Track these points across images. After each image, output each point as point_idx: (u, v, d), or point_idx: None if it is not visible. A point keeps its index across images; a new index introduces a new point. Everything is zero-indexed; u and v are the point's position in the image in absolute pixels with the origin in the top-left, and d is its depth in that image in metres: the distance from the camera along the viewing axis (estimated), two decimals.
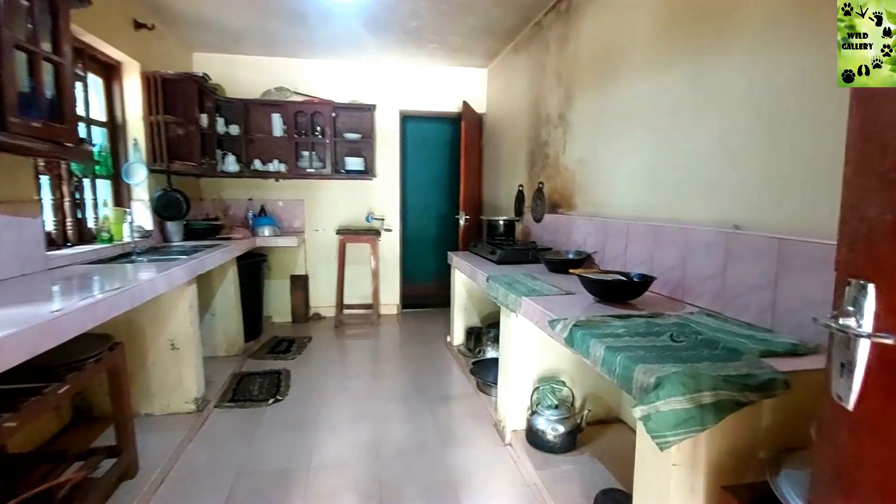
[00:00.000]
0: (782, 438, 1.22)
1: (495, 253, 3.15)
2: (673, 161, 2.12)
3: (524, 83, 3.85)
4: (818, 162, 1.46)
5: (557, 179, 3.25)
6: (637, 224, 2.34)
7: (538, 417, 2.22)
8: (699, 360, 1.30)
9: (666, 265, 2.13)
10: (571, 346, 1.60)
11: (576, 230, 2.96)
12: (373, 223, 4.73)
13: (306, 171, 4.42)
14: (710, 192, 1.90)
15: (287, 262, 4.65)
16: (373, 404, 2.84)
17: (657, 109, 2.22)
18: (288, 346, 3.90)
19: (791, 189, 1.56)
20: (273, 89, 4.43)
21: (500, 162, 4.47)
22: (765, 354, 1.35)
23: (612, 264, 2.53)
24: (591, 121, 2.81)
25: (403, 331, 4.47)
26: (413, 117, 5.16)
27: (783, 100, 1.58)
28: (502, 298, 2.32)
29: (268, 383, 3.13)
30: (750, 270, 1.69)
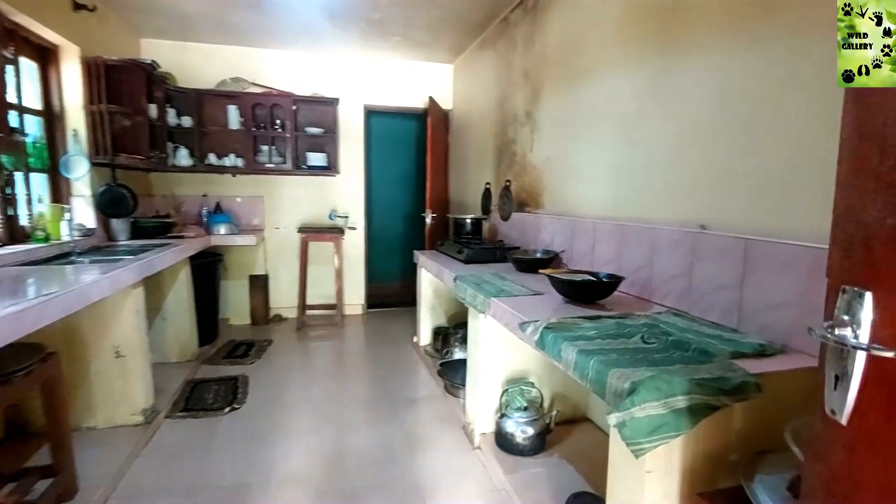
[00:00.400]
0: (754, 441, 1.21)
1: (463, 252, 3.10)
2: (639, 160, 2.12)
3: (491, 80, 3.81)
4: (784, 162, 1.47)
5: (525, 178, 3.22)
6: (604, 223, 2.33)
7: (507, 420, 2.18)
8: (671, 363, 1.28)
9: (633, 265, 2.12)
10: (543, 349, 1.55)
11: (543, 229, 2.94)
12: (336, 221, 4.59)
13: (265, 166, 4.23)
14: (677, 192, 1.91)
15: (245, 262, 4.44)
16: (337, 410, 2.73)
17: (623, 108, 2.22)
18: (246, 349, 3.72)
19: (757, 189, 1.57)
20: (229, 79, 4.21)
21: (468, 159, 4.42)
22: (734, 356, 1.34)
23: (580, 263, 2.53)
24: (558, 119, 2.79)
25: (368, 332, 4.36)
26: (378, 112, 5.04)
27: (748, 99, 1.59)
28: (470, 299, 2.26)
29: (224, 390, 2.96)
30: (716, 270, 1.70)
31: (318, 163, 4.36)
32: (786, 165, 1.47)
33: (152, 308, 3.19)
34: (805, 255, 1.39)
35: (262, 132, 4.21)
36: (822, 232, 1.39)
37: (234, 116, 4.15)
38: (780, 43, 1.48)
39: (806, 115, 1.40)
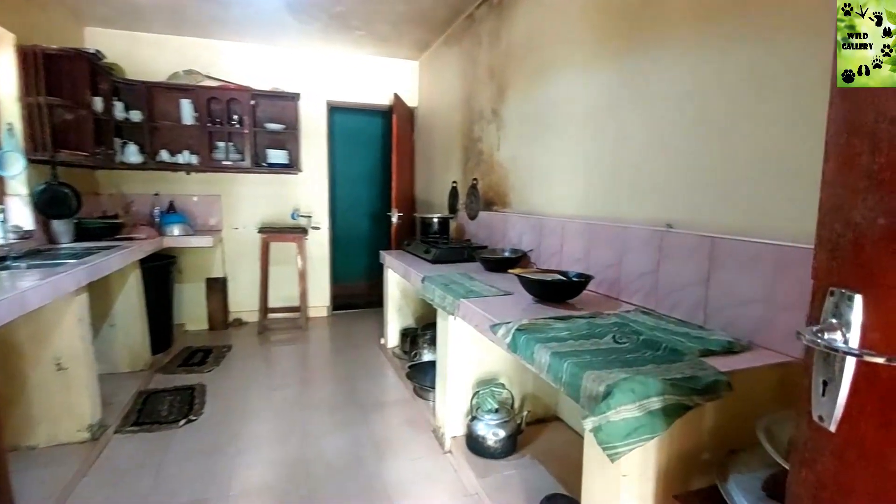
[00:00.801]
0: (725, 439, 1.22)
1: (430, 252, 3.04)
2: (607, 159, 2.12)
3: (456, 77, 3.76)
4: (749, 161, 1.49)
5: (492, 176, 3.20)
6: (573, 222, 2.33)
7: (478, 423, 2.14)
8: (644, 363, 1.27)
9: (602, 263, 2.13)
10: (515, 351, 1.52)
11: (511, 228, 2.93)
12: (299, 220, 4.44)
13: (222, 163, 4.03)
14: (645, 191, 1.92)
15: (202, 264, 4.23)
16: (301, 417, 2.62)
17: (591, 106, 2.22)
18: (203, 356, 3.54)
19: (722, 188, 1.59)
20: (182, 72, 4.00)
21: (434, 158, 4.37)
22: (703, 353, 1.35)
23: (549, 262, 2.52)
24: (525, 117, 2.78)
25: (334, 334, 4.24)
26: (342, 109, 4.91)
27: (716, 98, 1.60)
28: (439, 301, 2.21)
29: (179, 401, 2.80)
30: (683, 268, 1.71)
31: (278, 160, 4.20)
32: (751, 165, 1.49)
33: (99, 315, 2.98)
34: (769, 253, 1.41)
35: (219, 128, 4.02)
36: (786, 230, 1.42)
37: (188, 111, 3.94)
38: (748, 42, 1.49)
39: (771, 115, 1.43)
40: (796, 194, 1.35)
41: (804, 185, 1.33)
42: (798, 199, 1.35)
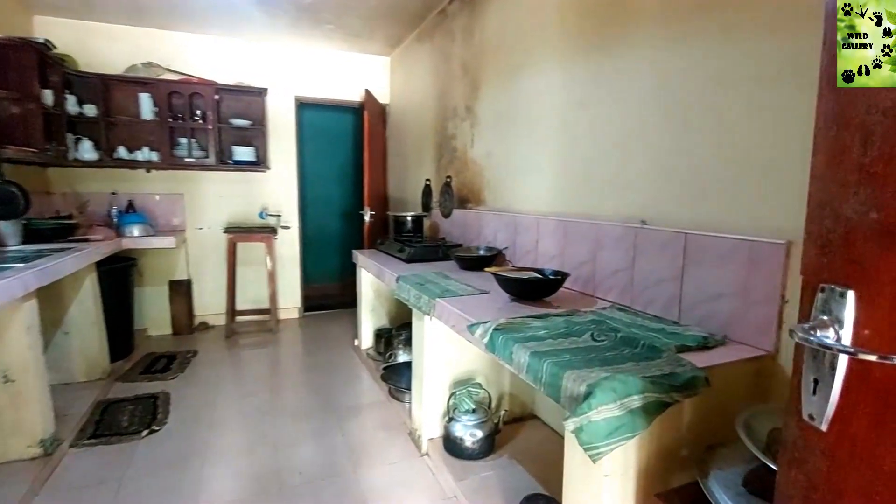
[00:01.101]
0: (704, 435, 1.22)
1: (404, 251, 2.99)
2: (581, 155, 2.12)
3: (429, 73, 3.72)
4: (719, 158, 1.51)
5: (466, 173, 3.17)
6: (547, 219, 2.32)
7: (455, 424, 2.11)
8: (623, 361, 1.26)
9: (577, 260, 2.13)
10: (493, 351, 1.49)
11: (486, 226, 2.91)
12: (268, 220, 4.30)
13: (184, 160, 3.86)
14: (619, 187, 1.92)
15: (165, 266, 4.05)
16: (272, 425, 2.53)
17: (564, 103, 2.21)
18: (167, 363, 3.39)
19: (695, 184, 1.60)
20: (140, 64, 3.80)
21: (407, 155, 4.31)
22: (680, 349, 1.35)
23: (524, 260, 2.51)
24: (499, 114, 2.76)
25: (306, 336, 4.13)
26: (311, 105, 4.79)
27: (688, 95, 1.61)
28: (414, 301, 2.16)
29: (141, 410, 2.66)
30: (657, 264, 1.72)
31: (245, 157, 4.05)
32: (720, 161, 1.50)
33: (52, 322, 2.81)
34: (741, 248, 1.43)
35: (181, 123, 3.85)
36: (757, 226, 1.44)
37: (147, 105, 3.75)
38: (714, 40, 1.51)
39: (739, 112, 1.44)
40: (766, 190, 1.37)
41: (774, 180, 1.35)
42: (768, 195, 1.36)
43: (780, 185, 1.34)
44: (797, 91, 1.28)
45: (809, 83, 1.25)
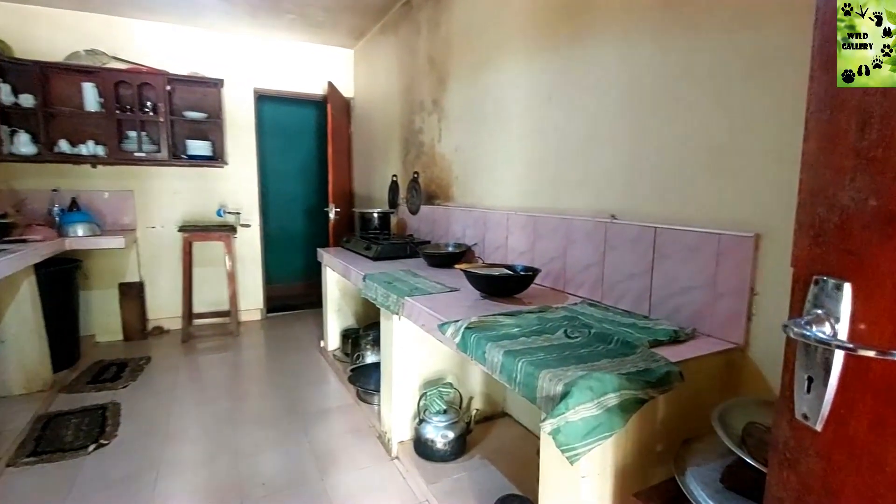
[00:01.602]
0: (678, 430, 1.21)
1: (371, 248, 2.90)
2: (551, 149, 2.09)
3: (394, 67, 3.63)
4: (686, 152, 1.50)
5: (434, 169, 3.11)
6: (517, 215, 2.29)
7: (426, 426, 2.05)
8: (598, 358, 1.23)
9: (547, 256, 2.10)
10: (465, 351, 1.44)
11: (454, 222, 2.86)
12: (226, 218, 4.11)
13: (134, 155, 3.63)
14: (588, 181, 1.90)
15: (114, 268, 3.80)
16: (233, 434, 2.40)
17: (533, 97, 2.18)
18: (118, 371, 3.18)
19: (663, 178, 1.60)
20: (83, 51, 3.54)
21: (372, 150, 4.21)
22: (653, 344, 1.34)
23: (494, 256, 2.47)
24: (467, 108, 2.71)
25: (269, 339, 3.98)
26: (272, 99, 4.61)
27: (656, 89, 1.60)
28: (382, 300, 2.09)
29: (88, 424, 2.47)
30: (627, 259, 1.72)
31: (200, 152, 3.85)
32: (690, 154, 1.50)
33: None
34: (709, 241, 1.43)
35: (129, 115, 3.61)
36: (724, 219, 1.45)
37: (92, 96, 3.50)
38: (682, 34, 1.50)
39: (707, 105, 1.44)
40: (734, 183, 1.37)
41: (742, 173, 1.35)
42: (736, 188, 1.37)
43: (749, 178, 1.35)
44: (763, 84, 1.29)
45: (778, 76, 1.26)
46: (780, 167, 1.26)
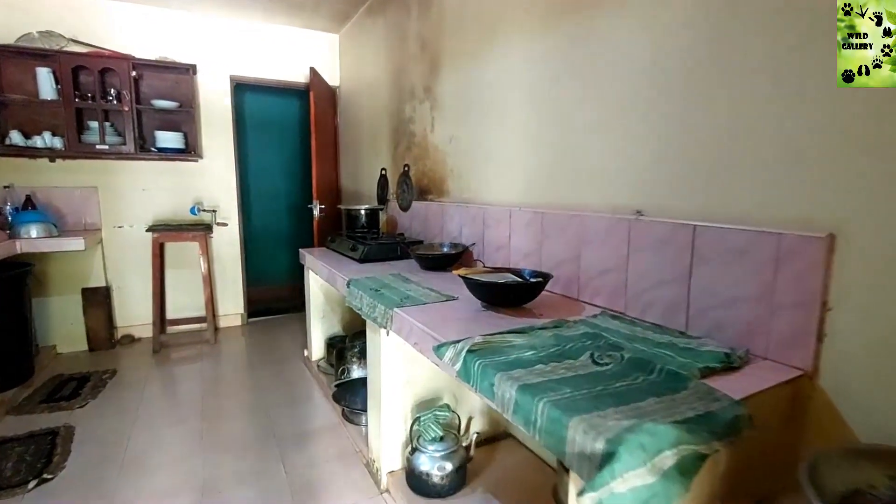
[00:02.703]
0: (743, 487, 0.94)
1: (357, 249, 2.62)
2: (559, 138, 1.82)
3: (383, 51, 3.33)
4: (737, 134, 1.24)
5: (426, 161, 2.83)
6: (521, 211, 2.02)
7: (420, 455, 1.78)
8: (640, 396, 0.96)
9: (557, 258, 1.83)
10: (467, 381, 1.17)
11: (449, 219, 2.58)
12: (201, 216, 3.80)
13: (96, 147, 3.30)
14: (606, 173, 1.63)
15: (76, 272, 3.47)
16: (202, 463, 2.11)
17: (538, 78, 1.90)
18: (77, 387, 2.86)
19: (704, 166, 1.33)
20: (36, 33, 3.20)
21: (360, 143, 3.91)
22: (704, 373, 1.07)
23: (494, 258, 2.20)
24: (462, 94, 2.42)
25: (250, 347, 3.67)
26: (253, 89, 4.29)
27: (692, 60, 1.33)
28: (368, 310, 1.81)
29: (33, 453, 2.17)
30: (656, 262, 1.45)
31: (170, 144, 3.53)
32: (737, 137, 1.23)
33: None
34: (763, 243, 1.17)
35: (90, 104, 3.28)
36: (785, 215, 1.18)
37: (47, 82, 3.17)
38: (713, 10, 1.23)
39: (762, 76, 1.17)
40: (798, 171, 1.10)
41: (809, 159, 1.08)
42: (801, 177, 1.09)
43: (818, 168, 1.08)
44: None
45: None
46: (858, 154, 0.99)
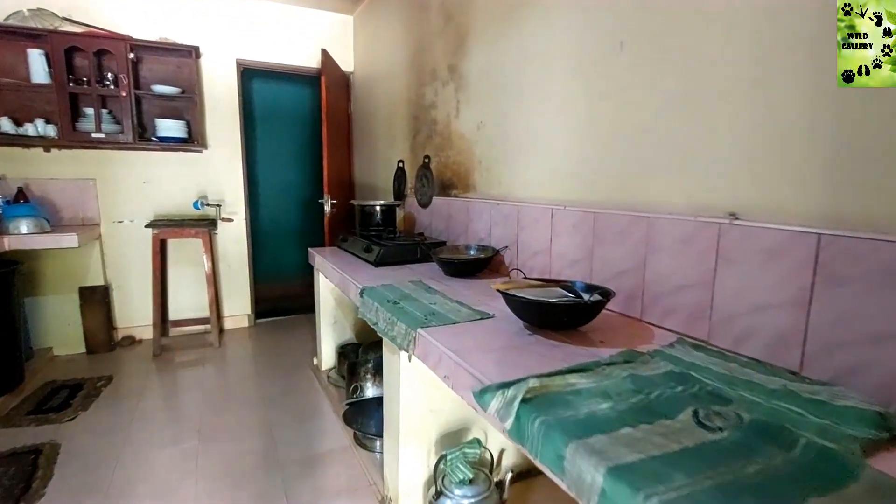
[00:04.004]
0: None
1: (372, 250, 2.33)
2: (621, 121, 1.50)
3: (401, 28, 3.02)
4: (877, 121, 0.90)
5: (449, 152, 2.52)
6: (566, 210, 1.70)
7: (446, 501, 1.49)
8: (795, 493, 0.65)
9: (614, 268, 1.52)
10: (523, 443, 0.87)
11: (476, 218, 2.27)
12: (206, 211, 3.55)
13: (91, 136, 3.06)
14: (687, 163, 1.31)
15: (73, 270, 3.25)
16: (194, 492, 1.86)
17: (593, 46, 1.58)
18: (69, 396, 2.64)
19: (828, 158, 1.00)
20: (26, 11, 2.96)
21: (375, 132, 3.61)
22: (865, 448, 0.76)
23: (530, 265, 1.89)
24: (495, 72, 2.10)
25: (256, 351, 3.42)
26: (263, 75, 4.01)
27: (811, 17, 1.00)
28: (385, 327, 1.52)
29: (12, 475, 1.93)
30: (758, 280, 1.13)
31: (172, 133, 3.27)
32: (877, 127, 0.90)
33: None
34: None
35: (85, 89, 3.04)
36: None
37: (39, 65, 2.93)
38: None
39: None
40: None
41: None
42: None
43: None
44: None
45: None
46: None
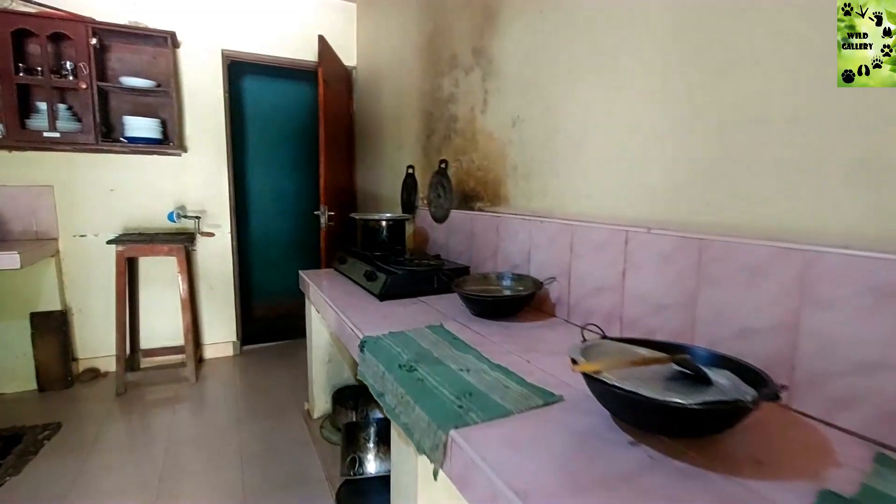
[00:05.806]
0: None
1: (376, 278, 1.84)
2: (737, 103, 1.01)
3: (413, 10, 2.56)
4: None
5: (473, 155, 2.03)
6: (651, 235, 1.21)
7: None
8: None
9: (734, 323, 1.02)
10: None
11: (510, 239, 1.78)
12: (182, 223, 3.07)
13: (44, 135, 2.59)
14: (855, 173, 0.81)
15: (24, 292, 2.76)
16: None
17: (684, 8, 1.10)
18: (2, 452, 2.14)
19: None
20: None
21: (380, 133, 3.14)
22: None
23: (589, 306, 1.39)
24: (537, 49, 1.62)
25: (239, 389, 2.92)
26: (251, 69, 3.56)
27: None
28: (397, 408, 1.02)
29: None
30: None
31: (143, 133, 2.81)
32: None
33: None
34: None
35: (38, 79, 2.57)
36: None
37: None
38: None
39: None
40: None
41: None
42: None
43: None
44: None
45: None
46: None
